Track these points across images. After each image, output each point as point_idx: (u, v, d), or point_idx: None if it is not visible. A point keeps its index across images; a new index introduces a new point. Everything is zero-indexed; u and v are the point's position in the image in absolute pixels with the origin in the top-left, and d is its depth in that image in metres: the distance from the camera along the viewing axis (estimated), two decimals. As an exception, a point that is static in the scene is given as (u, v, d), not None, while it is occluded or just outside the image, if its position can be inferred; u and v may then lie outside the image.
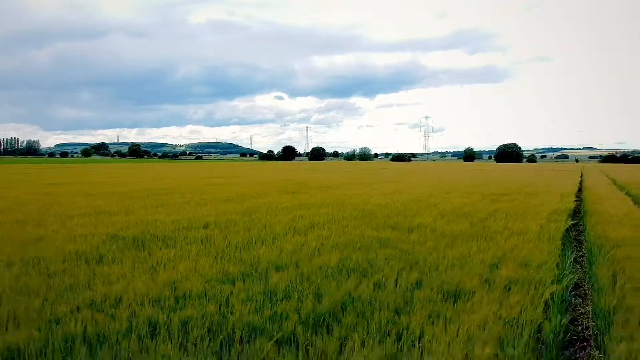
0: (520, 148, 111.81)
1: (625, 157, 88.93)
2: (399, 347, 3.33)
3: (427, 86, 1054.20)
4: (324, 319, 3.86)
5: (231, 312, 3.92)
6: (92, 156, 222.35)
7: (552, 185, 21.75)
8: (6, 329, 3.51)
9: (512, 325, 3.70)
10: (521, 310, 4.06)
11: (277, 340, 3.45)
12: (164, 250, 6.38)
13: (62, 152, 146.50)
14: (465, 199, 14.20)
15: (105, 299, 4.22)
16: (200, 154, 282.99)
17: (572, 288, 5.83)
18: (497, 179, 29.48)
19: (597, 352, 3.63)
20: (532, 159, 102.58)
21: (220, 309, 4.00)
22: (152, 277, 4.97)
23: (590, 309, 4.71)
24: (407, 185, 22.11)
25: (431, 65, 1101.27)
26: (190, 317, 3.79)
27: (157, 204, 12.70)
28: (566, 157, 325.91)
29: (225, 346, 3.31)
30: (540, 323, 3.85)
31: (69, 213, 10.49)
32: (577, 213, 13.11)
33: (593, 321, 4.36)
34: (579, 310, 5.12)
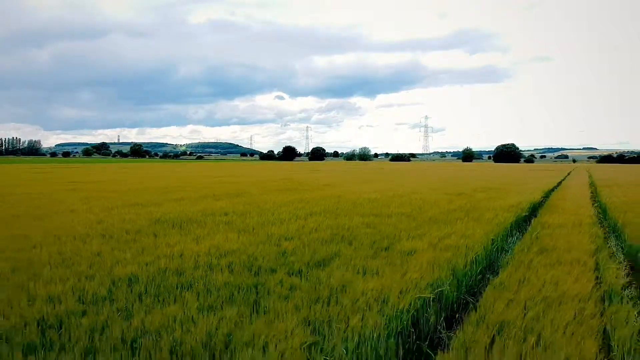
0: (518, 148, 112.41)
1: (622, 158, 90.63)
2: (364, 275, 5.43)
3: (428, 86, 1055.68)
4: (319, 263, 5.96)
5: (257, 260, 6.02)
6: (93, 156, 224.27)
7: (531, 183, 23.86)
8: (117, 265, 5.60)
9: (438, 266, 5.79)
10: (450, 260, 6.15)
11: (289, 273, 5.55)
12: (199, 229, 8.48)
13: (64, 152, 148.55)
14: (445, 195, 16.30)
15: (172, 254, 6.31)
16: (201, 154, 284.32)
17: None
18: (484, 177, 31.60)
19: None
20: (529, 159, 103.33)
21: (249, 259, 6.10)
22: (198, 243, 7.07)
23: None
24: (398, 183, 24.22)
25: (431, 65, 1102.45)
26: (232, 261, 5.89)
27: (178, 198, 14.80)
28: (566, 157, 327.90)
29: (257, 274, 5.41)
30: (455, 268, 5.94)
31: (107, 205, 12.59)
32: (541, 207, 15.19)
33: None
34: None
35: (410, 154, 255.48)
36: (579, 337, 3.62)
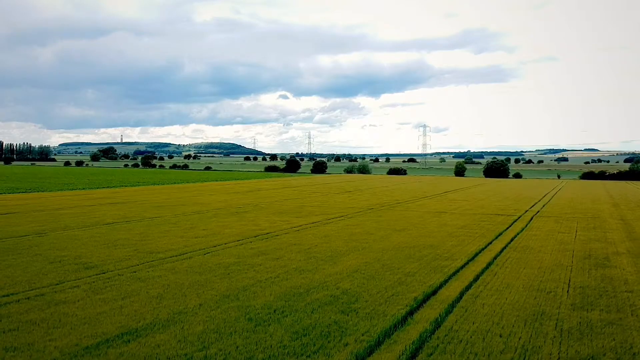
0: (507, 164, 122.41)
1: (603, 174, 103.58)
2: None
3: (433, 86, 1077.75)
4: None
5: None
6: (101, 160, 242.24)
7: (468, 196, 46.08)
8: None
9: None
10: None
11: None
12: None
13: (77, 162, 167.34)
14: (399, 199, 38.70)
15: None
16: (205, 155, 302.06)
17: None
18: (441, 190, 53.72)
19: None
20: (518, 174, 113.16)
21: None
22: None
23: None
24: (378, 197, 46.47)
25: (437, 64, 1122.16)
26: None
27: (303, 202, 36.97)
28: (566, 159, 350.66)
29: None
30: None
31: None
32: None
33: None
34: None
35: (409, 158, 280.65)
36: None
